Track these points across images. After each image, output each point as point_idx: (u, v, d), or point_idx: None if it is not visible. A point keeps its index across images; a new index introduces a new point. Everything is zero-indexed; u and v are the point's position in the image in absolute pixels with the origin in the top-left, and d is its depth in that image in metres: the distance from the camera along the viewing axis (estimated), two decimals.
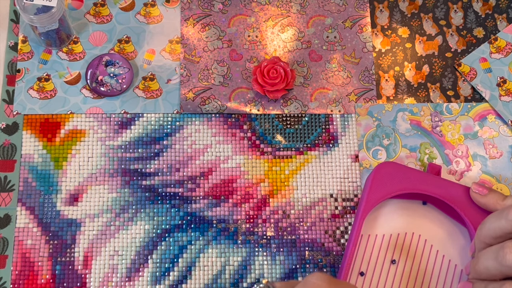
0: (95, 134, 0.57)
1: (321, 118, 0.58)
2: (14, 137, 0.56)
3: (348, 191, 0.56)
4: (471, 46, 0.61)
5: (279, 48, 0.60)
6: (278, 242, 0.54)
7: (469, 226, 0.51)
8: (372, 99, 0.59)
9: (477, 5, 0.63)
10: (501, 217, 0.44)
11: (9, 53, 0.59)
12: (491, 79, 0.60)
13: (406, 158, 0.57)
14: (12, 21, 0.60)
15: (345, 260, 0.49)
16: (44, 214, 0.54)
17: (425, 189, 0.51)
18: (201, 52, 0.60)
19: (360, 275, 0.51)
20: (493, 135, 0.58)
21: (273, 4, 0.62)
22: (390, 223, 0.53)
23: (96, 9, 0.61)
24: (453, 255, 0.52)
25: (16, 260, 0.53)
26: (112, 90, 0.58)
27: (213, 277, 0.53)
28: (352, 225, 0.53)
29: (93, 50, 0.59)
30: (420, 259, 0.52)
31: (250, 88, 0.59)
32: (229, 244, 0.54)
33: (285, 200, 0.55)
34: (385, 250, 0.52)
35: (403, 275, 0.52)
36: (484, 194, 0.50)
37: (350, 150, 0.57)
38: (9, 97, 0.57)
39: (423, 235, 0.53)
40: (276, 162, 0.56)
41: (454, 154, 0.57)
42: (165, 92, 0.58)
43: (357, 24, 0.61)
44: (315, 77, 0.60)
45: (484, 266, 0.44)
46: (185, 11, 0.61)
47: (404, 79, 0.60)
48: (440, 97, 0.59)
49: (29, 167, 0.55)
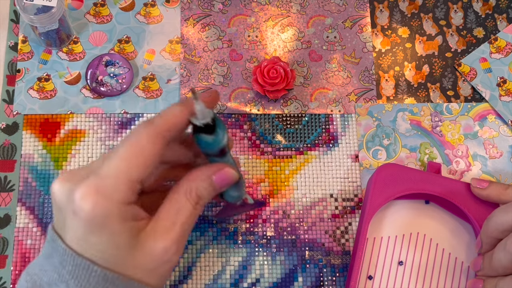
0: (95, 134, 0.57)
1: (321, 118, 0.58)
2: (14, 137, 0.56)
3: (348, 191, 0.56)
4: (471, 46, 0.61)
5: (279, 48, 0.60)
6: (278, 242, 0.54)
7: (473, 222, 0.51)
8: (372, 99, 0.59)
9: (477, 5, 0.63)
10: (509, 210, 0.44)
11: (9, 53, 0.59)
12: (491, 79, 0.60)
13: (406, 158, 0.57)
14: (12, 21, 0.60)
15: (354, 265, 0.49)
16: (44, 214, 0.54)
17: (427, 188, 0.51)
18: (201, 52, 0.60)
19: (368, 279, 0.51)
20: (493, 135, 0.58)
21: (273, 4, 0.62)
22: (394, 224, 0.53)
23: (96, 9, 0.61)
24: (459, 252, 0.52)
25: (16, 260, 0.53)
26: (112, 90, 0.58)
27: (213, 277, 0.53)
28: (357, 229, 0.53)
29: (93, 50, 0.59)
30: (427, 259, 0.52)
31: (250, 88, 0.59)
32: (229, 244, 0.54)
33: (285, 200, 0.55)
34: (391, 252, 0.52)
35: (411, 275, 0.52)
36: (485, 187, 0.50)
37: (350, 150, 0.57)
38: (9, 97, 0.57)
39: (428, 234, 0.53)
40: (276, 162, 0.56)
41: (454, 154, 0.57)
42: (165, 92, 0.58)
43: (357, 24, 0.61)
44: (315, 77, 0.60)
45: (497, 259, 0.45)
46: (185, 11, 0.61)
47: (404, 79, 0.60)
48: (440, 97, 0.59)
49: (29, 167, 0.55)
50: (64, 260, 0.37)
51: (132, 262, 0.37)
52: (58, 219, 0.38)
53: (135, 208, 0.38)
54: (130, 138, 0.37)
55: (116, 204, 0.36)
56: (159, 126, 0.38)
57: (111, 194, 0.36)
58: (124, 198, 0.36)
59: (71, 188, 0.36)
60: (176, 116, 0.39)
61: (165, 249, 0.38)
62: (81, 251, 0.36)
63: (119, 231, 0.36)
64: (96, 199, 0.35)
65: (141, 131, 0.37)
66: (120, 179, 0.36)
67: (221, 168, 0.41)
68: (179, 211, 0.39)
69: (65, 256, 0.37)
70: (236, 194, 0.45)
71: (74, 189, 0.36)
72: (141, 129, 0.38)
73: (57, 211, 0.38)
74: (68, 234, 0.37)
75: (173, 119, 0.38)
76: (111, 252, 0.37)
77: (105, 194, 0.36)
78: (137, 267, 0.37)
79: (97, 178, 0.36)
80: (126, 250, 0.37)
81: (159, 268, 0.38)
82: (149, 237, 0.38)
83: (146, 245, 0.38)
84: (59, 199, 0.37)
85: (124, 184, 0.36)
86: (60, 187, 0.37)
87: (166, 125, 0.38)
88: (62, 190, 0.37)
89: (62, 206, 0.37)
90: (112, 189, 0.36)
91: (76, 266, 0.36)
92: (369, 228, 0.52)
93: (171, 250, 0.38)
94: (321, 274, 0.53)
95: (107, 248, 0.36)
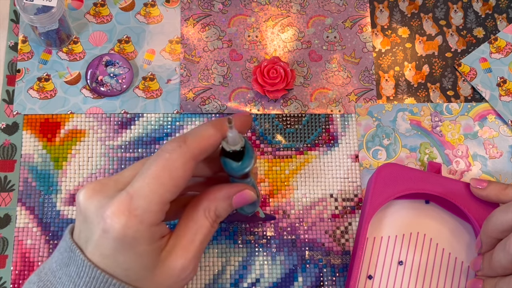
0: (95, 134, 0.57)
1: (321, 118, 0.58)
2: (14, 137, 0.56)
3: (348, 191, 0.56)
4: (471, 46, 0.61)
5: (279, 48, 0.60)
6: (278, 242, 0.54)
7: (473, 222, 0.51)
8: (372, 99, 0.59)
9: (477, 5, 0.63)
10: (508, 210, 0.44)
11: (9, 53, 0.59)
12: (491, 79, 0.60)
13: (406, 158, 0.57)
14: (12, 21, 0.60)
15: (353, 265, 0.49)
16: (44, 214, 0.54)
17: (427, 188, 0.51)
18: (201, 52, 0.60)
19: (368, 278, 0.51)
20: (493, 135, 0.58)
21: (273, 4, 0.62)
22: (394, 224, 0.53)
23: (96, 9, 0.61)
24: (459, 252, 0.53)
25: (16, 260, 0.53)
26: (112, 90, 0.58)
27: (213, 277, 0.53)
28: (357, 229, 0.53)
29: (93, 50, 0.59)
30: (427, 259, 0.52)
31: (250, 88, 0.59)
32: (229, 244, 0.54)
33: (285, 200, 0.55)
34: (391, 251, 0.52)
35: (411, 275, 0.52)
36: (484, 187, 0.50)
37: (350, 150, 0.57)
38: (9, 97, 0.57)
39: (428, 234, 0.53)
40: (276, 162, 0.56)
41: (454, 154, 0.57)
42: (165, 92, 0.58)
43: (357, 24, 0.61)
44: (315, 77, 0.60)
45: (497, 259, 0.45)
46: (185, 11, 0.61)
47: (404, 79, 0.60)
48: (440, 97, 0.59)
49: (29, 167, 0.55)
50: (82, 271, 0.36)
51: (151, 278, 0.38)
52: (81, 230, 0.38)
53: (161, 225, 0.38)
54: (162, 156, 0.37)
55: (146, 226, 0.36)
56: (192, 148, 0.37)
57: (143, 215, 0.35)
58: (155, 219, 0.36)
59: (102, 203, 0.36)
60: (209, 139, 0.38)
61: (184, 267, 0.38)
62: (103, 266, 0.36)
63: (147, 252, 0.37)
64: (128, 220, 0.35)
65: (174, 151, 0.37)
66: (152, 200, 0.36)
67: (241, 189, 0.41)
68: (198, 230, 0.39)
69: (83, 267, 0.36)
70: (250, 210, 0.45)
71: (105, 205, 0.36)
72: (174, 148, 0.37)
73: (81, 222, 0.38)
74: (91, 247, 0.37)
75: (206, 141, 0.38)
76: (135, 271, 0.37)
77: (137, 215, 0.35)
78: (155, 284, 0.38)
79: (129, 196, 0.36)
80: (149, 269, 0.37)
81: (176, 285, 0.39)
82: (170, 255, 0.38)
83: (166, 263, 0.38)
84: (87, 211, 0.37)
85: (156, 205, 0.36)
86: (89, 198, 0.37)
87: (198, 148, 0.38)
88: (91, 202, 0.37)
89: (90, 220, 0.37)
90: (144, 210, 0.36)
91: (93, 279, 0.36)
92: (369, 228, 0.52)
93: (189, 268, 0.39)
94: (321, 274, 0.53)
95: (132, 267, 0.37)
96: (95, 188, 0.37)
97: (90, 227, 0.37)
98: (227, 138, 0.38)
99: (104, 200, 0.36)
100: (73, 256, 0.37)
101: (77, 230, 0.38)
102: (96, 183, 0.38)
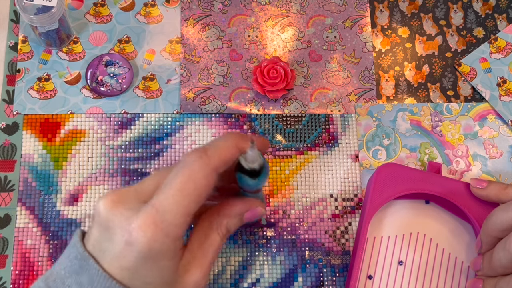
0: (95, 134, 0.57)
1: (321, 118, 0.58)
2: (14, 137, 0.56)
3: (348, 191, 0.56)
4: (471, 46, 0.61)
5: (279, 48, 0.60)
6: (278, 242, 0.54)
7: (473, 222, 0.51)
8: (372, 99, 0.59)
9: (477, 5, 0.63)
10: (509, 209, 0.44)
11: (9, 53, 0.59)
12: (491, 79, 0.60)
13: (406, 158, 0.57)
14: (12, 21, 0.60)
15: (354, 265, 0.49)
16: (44, 214, 0.54)
17: (427, 188, 0.51)
18: (201, 52, 0.60)
19: (368, 278, 0.51)
20: (493, 135, 0.58)
21: (273, 4, 0.62)
22: (395, 224, 0.53)
23: (96, 9, 0.61)
24: (459, 252, 0.53)
25: (16, 260, 0.53)
26: (112, 90, 0.58)
27: (213, 277, 0.53)
28: (357, 229, 0.53)
29: (93, 50, 0.59)
30: (427, 258, 0.52)
31: (250, 88, 0.59)
32: (229, 244, 0.54)
33: (285, 200, 0.55)
34: (391, 251, 0.52)
35: (411, 275, 0.52)
36: (484, 187, 0.50)
37: (350, 150, 0.57)
38: (9, 97, 0.57)
39: (428, 234, 0.53)
40: (276, 162, 0.56)
41: (454, 154, 0.57)
42: (165, 92, 0.58)
43: (357, 24, 0.61)
44: (315, 77, 0.60)
45: (497, 258, 0.45)
46: (185, 11, 0.61)
47: (404, 79, 0.60)
48: (440, 97, 0.59)
49: (29, 167, 0.55)
50: (95, 281, 0.36)
51: None
52: (98, 240, 0.37)
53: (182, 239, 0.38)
54: (184, 168, 0.37)
55: (172, 240, 0.36)
56: (213, 160, 0.37)
57: (168, 229, 0.35)
58: (180, 232, 0.36)
59: (126, 215, 0.36)
60: (230, 152, 0.38)
61: (197, 283, 0.39)
62: (119, 278, 0.36)
63: (169, 266, 0.37)
64: (154, 233, 0.35)
65: (195, 163, 0.37)
66: (178, 213, 0.36)
67: (253, 206, 0.42)
68: (210, 245, 0.40)
69: (96, 277, 0.36)
70: (255, 220, 0.46)
71: (130, 218, 0.35)
72: (196, 159, 0.37)
73: (100, 232, 0.37)
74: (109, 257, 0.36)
75: (227, 155, 0.38)
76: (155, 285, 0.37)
77: (163, 228, 0.35)
78: None
79: (154, 209, 0.35)
80: (169, 284, 0.37)
81: None
82: (187, 271, 0.39)
83: (184, 279, 0.38)
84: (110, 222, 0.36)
85: (181, 218, 0.36)
86: (111, 209, 0.36)
87: (219, 160, 0.38)
88: (114, 214, 0.36)
89: (112, 231, 0.36)
90: (169, 223, 0.35)
91: None
92: (369, 228, 0.52)
93: (202, 283, 0.39)
94: (321, 274, 0.53)
95: (153, 281, 0.37)
96: (115, 199, 0.37)
97: (112, 238, 0.36)
98: (246, 155, 0.38)
99: (127, 212, 0.36)
100: (85, 265, 0.37)
101: (91, 239, 0.38)
102: (115, 193, 0.37)
